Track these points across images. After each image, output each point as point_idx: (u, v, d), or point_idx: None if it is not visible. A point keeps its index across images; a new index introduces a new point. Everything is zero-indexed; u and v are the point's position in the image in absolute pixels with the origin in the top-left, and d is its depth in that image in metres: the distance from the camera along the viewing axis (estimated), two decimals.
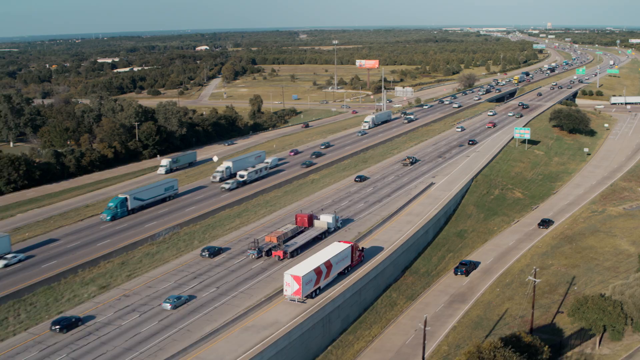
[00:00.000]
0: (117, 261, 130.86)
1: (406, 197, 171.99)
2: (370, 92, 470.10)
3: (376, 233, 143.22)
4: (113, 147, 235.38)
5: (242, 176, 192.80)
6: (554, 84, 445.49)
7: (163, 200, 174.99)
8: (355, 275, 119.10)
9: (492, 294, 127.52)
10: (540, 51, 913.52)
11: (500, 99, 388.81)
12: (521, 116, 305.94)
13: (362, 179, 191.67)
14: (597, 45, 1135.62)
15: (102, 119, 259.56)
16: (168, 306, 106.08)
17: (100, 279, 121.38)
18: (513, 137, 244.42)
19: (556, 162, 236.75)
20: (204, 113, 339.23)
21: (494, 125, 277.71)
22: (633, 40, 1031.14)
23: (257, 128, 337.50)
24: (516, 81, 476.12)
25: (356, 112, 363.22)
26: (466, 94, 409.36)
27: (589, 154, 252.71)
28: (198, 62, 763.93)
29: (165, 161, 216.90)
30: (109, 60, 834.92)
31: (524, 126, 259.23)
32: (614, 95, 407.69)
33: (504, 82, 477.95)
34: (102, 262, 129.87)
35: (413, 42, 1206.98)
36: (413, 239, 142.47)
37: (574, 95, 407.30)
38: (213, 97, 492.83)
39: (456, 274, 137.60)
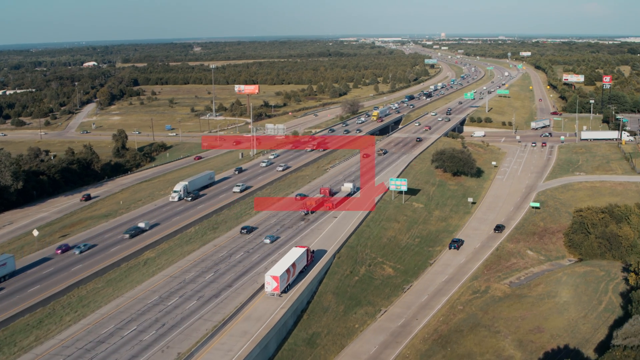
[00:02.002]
0: None
1: (250, 287, 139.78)
2: (249, 120, 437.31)
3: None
4: None
5: None
6: (435, 114, 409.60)
7: None
8: None
9: None
10: (432, 66, 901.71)
11: (384, 131, 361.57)
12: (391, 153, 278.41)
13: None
14: (478, 58, 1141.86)
15: None
16: None
17: None
18: (388, 189, 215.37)
19: (437, 218, 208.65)
20: (55, 156, 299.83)
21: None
22: (524, 53, 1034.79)
23: (117, 170, 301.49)
24: (375, 118, 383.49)
25: (200, 158, 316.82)
26: (347, 125, 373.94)
27: (474, 203, 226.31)
28: (76, 84, 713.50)
29: None
30: None
31: (399, 175, 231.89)
32: (534, 121, 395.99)
33: (362, 119, 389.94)
34: None
35: (306, 57, 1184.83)
36: None
37: (462, 122, 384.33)
38: (82, 127, 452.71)
39: (450, 248, 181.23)
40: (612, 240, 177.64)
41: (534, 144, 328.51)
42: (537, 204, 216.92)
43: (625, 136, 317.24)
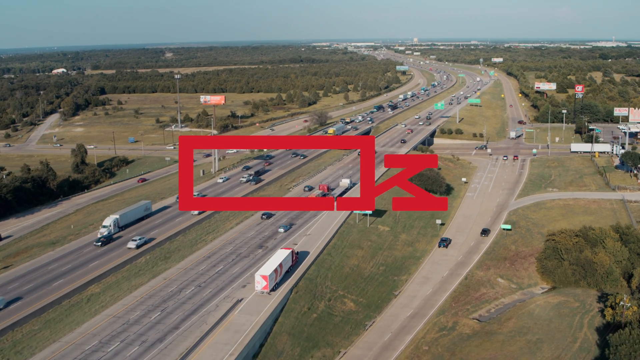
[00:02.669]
0: None
1: (199, 330, 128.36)
2: (215, 131, 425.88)
3: None
4: None
5: None
6: (404, 124, 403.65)
7: None
8: None
9: None
10: (404, 73, 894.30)
11: None
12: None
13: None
14: (447, 63, 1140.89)
15: None
16: None
17: None
18: (352, 211, 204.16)
19: (403, 242, 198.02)
20: (9, 173, 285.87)
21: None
22: (496, 59, 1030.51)
23: (75, 187, 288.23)
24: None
25: (144, 180, 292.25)
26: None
27: (443, 225, 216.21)
28: (41, 93, 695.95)
29: None
30: None
31: None
32: (513, 130, 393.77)
33: None
34: None
35: (277, 63, 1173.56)
36: None
37: (432, 134, 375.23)
38: (43, 140, 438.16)
39: (439, 246, 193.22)
40: (587, 267, 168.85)
41: (505, 157, 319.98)
42: (509, 226, 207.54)
43: (618, 149, 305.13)
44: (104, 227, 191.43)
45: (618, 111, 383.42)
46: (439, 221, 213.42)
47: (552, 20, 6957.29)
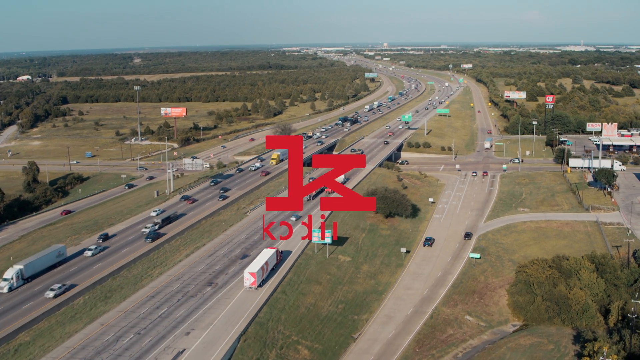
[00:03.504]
0: None
1: None
2: (176, 144, 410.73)
3: None
4: None
5: None
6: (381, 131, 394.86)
7: None
8: None
9: None
10: (373, 80, 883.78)
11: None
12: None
13: None
14: (414, 68, 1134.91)
15: None
16: None
17: None
18: (311, 241, 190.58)
19: (365, 274, 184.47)
20: None
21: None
22: (465, 66, 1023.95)
23: (25, 208, 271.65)
24: (274, 162, 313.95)
25: (69, 212, 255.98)
26: (262, 160, 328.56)
27: (408, 252, 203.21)
28: (1, 102, 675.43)
29: None
30: None
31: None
32: (487, 139, 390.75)
33: (258, 165, 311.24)
34: None
35: (245, 69, 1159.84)
36: None
37: (399, 148, 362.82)
38: None
39: (425, 245, 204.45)
40: (561, 303, 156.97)
41: (474, 174, 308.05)
42: (477, 255, 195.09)
43: (617, 165, 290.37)
44: (5, 280, 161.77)
45: (591, 126, 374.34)
46: (403, 249, 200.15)
47: (521, 24, 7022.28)
